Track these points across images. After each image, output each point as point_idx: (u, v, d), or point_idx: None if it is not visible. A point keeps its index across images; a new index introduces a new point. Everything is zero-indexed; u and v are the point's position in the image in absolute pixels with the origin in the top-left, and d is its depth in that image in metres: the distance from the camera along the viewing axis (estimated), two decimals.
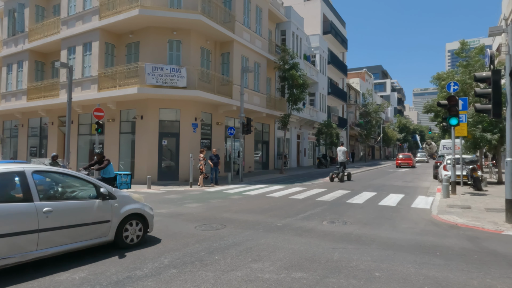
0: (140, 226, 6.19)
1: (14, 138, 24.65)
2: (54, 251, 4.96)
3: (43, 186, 5.23)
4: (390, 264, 5.05)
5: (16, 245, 4.54)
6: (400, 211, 9.65)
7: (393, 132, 62.60)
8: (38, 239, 4.75)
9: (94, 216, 5.51)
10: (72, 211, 5.23)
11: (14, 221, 4.57)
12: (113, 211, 5.76)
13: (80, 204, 5.43)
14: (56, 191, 5.47)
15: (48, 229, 4.86)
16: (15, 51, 22.71)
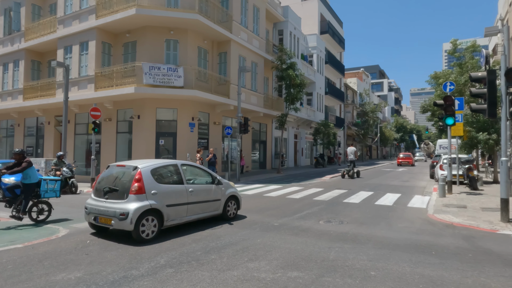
0: (236, 205, 8.46)
1: (10, 138, 24.52)
2: (194, 218, 7.32)
3: (185, 174, 7.45)
4: (385, 263, 5.08)
5: (177, 212, 6.93)
6: (396, 210, 9.69)
7: (390, 131, 62.82)
8: (187, 209, 7.13)
9: (212, 196, 7.82)
10: (202, 191, 7.56)
11: (177, 196, 6.95)
12: (222, 193, 8.07)
13: (205, 187, 7.73)
14: (191, 178, 7.64)
15: (191, 203, 7.23)
16: (11, 50, 22.58)
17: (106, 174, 7.09)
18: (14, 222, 8.36)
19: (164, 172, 7.14)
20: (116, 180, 6.83)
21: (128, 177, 6.59)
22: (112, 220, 6.26)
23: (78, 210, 9.98)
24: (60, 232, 7.03)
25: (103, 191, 6.73)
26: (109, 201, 6.50)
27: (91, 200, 6.88)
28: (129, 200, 6.30)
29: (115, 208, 6.28)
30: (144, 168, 6.64)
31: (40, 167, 16.24)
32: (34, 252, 5.68)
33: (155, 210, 6.49)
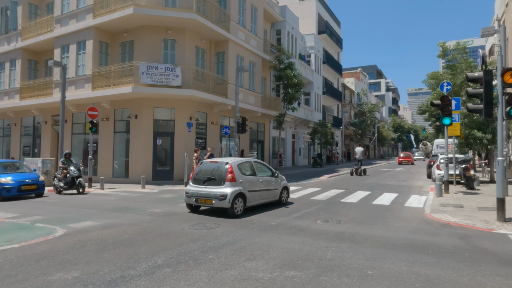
0: (287, 194, 10.89)
1: (6, 137, 24.40)
2: (262, 202, 9.75)
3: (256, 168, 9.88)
4: (382, 262, 5.10)
5: (254, 196, 9.31)
6: (393, 210, 9.73)
7: (388, 131, 63.02)
8: (259, 195, 9.54)
9: (273, 185, 10.16)
10: (267, 182, 9.89)
11: (253, 184, 9.33)
12: (278, 184, 10.44)
13: (268, 178, 10.02)
14: (259, 171, 9.86)
15: (261, 190, 9.61)
16: (7, 49, 22.47)
17: (202, 168, 9.40)
18: (11, 222, 8.34)
19: (244, 166, 9.44)
20: (213, 172, 9.00)
21: (223, 170, 8.85)
22: (213, 201, 8.57)
23: (75, 210, 9.96)
24: (57, 232, 7.01)
25: (202, 180, 9.03)
26: (208, 187, 8.82)
27: (190, 187, 9.15)
28: (225, 186, 8.62)
29: (216, 192, 8.59)
30: (233, 163, 9.00)
31: (37, 166, 16.17)
32: (31, 252, 5.67)
33: (242, 194, 8.85)
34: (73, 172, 13.72)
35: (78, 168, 13.95)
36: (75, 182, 13.72)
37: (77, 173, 13.74)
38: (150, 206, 10.38)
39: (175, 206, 10.32)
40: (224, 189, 8.56)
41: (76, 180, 13.76)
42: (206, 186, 8.90)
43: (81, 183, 13.72)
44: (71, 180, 13.75)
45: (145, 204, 10.71)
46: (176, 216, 8.74)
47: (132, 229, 7.29)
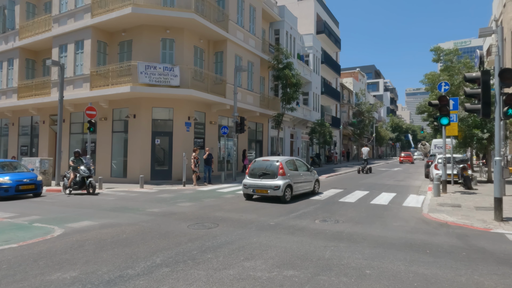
0: (318, 185, 13.44)
1: (4, 137, 24.31)
2: (301, 191, 12.01)
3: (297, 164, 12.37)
4: (380, 261, 5.12)
5: (297, 187, 11.57)
6: (391, 209, 9.76)
7: (386, 131, 63.11)
8: (300, 186, 11.81)
9: (309, 178, 12.60)
10: (305, 175, 12.31)
11: (297, 177, 11.59)
12: (312, 177, 12.88)
13: (306, 173, 12.43)
14: (299, 167, 12.26)
15: (301, 182, 11.90)
16: (5, 48, 22.39)
17: (256, 165, 11.72)
18: (8, 221, 8.31)
19: (289, 163, 11.80)
20: (266, 168, 11.31)
21: (275, 166, 11.13)
22: (268, 190, 10.83)
23: (73, 209, 9.94)
24: (55, 232, 7.00)
25: (258, 175, 11.32)
26: (263, 180, 11.07)
27: (247, 180, 11.47)
28: (278, 179, 10.90)
29: (270, 184, 10.84)
30: (282, 160, 11.35)
31: (35, 166, 16.12)
32: (29, 251, 5.66)
33: (290, 185, 11.09)
34: (84, 172, 13.30)
35: (88, 168, 13.51)
36: (85, 182, 13.32)
37: (87, 173, 13.31)
38: (149, 206, 10.38)
39: (174, 206, 10.31)
40: (277, 181, 10.85)
41: (87, 180, 13.32)
42: (261, 179, 11.16)
43: (92, 183, 13.26)
44: (81, 180, 13.32)
45: (143, 204, 10.70)
46: (174, 216, 8.74)
47: (131, 229, 7.28)
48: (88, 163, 14.03)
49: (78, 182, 13.35)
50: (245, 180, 11.57)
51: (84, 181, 13.34)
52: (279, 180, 10.83)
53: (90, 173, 13.45)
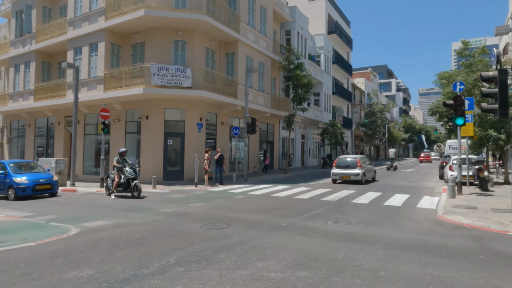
0: (375, 175, 19.34)
1: (21, 138, 24.90)
2: (368, 178, 17.86)
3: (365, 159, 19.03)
4: (395, 263, 5.06)
5: (366, 175, 17.53)
6: (405, 211, 9.63)
7: (399, 132, 62.23)
8: (368, 174, 17.69)
9: (372, 169, 18.69)
10: (370, 167, 18.49)
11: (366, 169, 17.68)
12: (373, 169, 18.94)
13: (369, 165, 18.52)
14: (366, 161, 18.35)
15: (368, 171, 17.84)
16: (22, 52, 22.95)
17: (340, 160, 17.68)
18: (26, 220, 8.52)
19: (363, 159, 17.93)
20: (348, 162, 17.26)
21: (354, 160, 17.13)
22: (351, 176, 16.47)
23: (88, 209, 10.12)
24: (71, 231, 7.13)
25: (342, 166, 17.14)
26: (347, 170, 16.85)
27: (335, 170, 17.28)
28: (357, 169, 16.62)
29: (352, 172, 16.63)
30: (358, 157, 17.50)
31: (50, 166, 16.47)
32: (46, 250, 5.78)
33: (364, 173, 16.73)
34: (129, 173, 12.26)
35: (134, 169, 12.47)
36: (130, 185, 12.34)
37: (133, 175, 12.27)
38: (161, 206, 10.48)
39: (186, 206, 10.39)
40: (357, 170, 16.69)
41: (132, 182, 12.32)
42: (345, 169, 17.00)
43: (137, 186, 12.24)
44: (126, 182, 12.35)
45: (156, 204, 10.81)
46: (187, 216, 8.81)
47: (144, 228, 7.37)
48: (134, 164, 12.89)
49: (123, 185, 12.39)
50: (333, 170, 17.57)
51: (129, 184, 12.35)
52: (358, 169, 16.70)
53: (136, 175, 12.38)
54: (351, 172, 16.65)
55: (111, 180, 12.81)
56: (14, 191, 12.61)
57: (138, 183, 12.33)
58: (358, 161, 17.03)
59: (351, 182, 16.79)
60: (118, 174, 12.50)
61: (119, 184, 12.43)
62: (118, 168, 12.55)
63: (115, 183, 12.43)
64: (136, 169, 12.59)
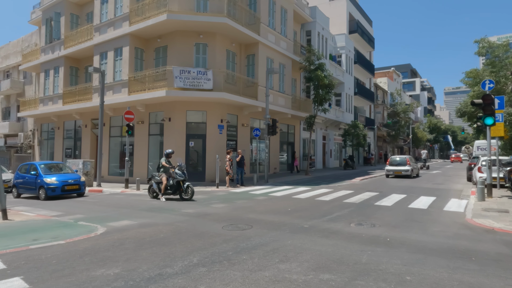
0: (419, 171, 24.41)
1: (51, 140, 25.95)
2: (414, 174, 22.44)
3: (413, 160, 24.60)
4: (421, 268, 4.92)
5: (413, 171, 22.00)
6: (431, 214, 9.35)
7: (423, 132, 60.47)
8: (414, 171, 22.29)
9: (417, 167, 23.75)
10: (416, 165, 23.77)
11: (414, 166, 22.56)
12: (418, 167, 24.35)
13: (415, 164, 23.68)
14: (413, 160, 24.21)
15: (415, 168, 22.64)
16: (51, 57, 23.93)
17: (393, 159, 22.22)
18: (56, 219, 8.86)
19: (411, 158, 22.92)
20: (399, 160, 21.90)
21: (404, 159, 21.74)
22: (402, 172, 21.03)
23: (113, 209, 10.41)
24: (98, 230, 7.36)
25: (394, 164, 21.72)
26: (398, 167, 21.39)
27: (388, 167, 21.80)
28: (407, 166, 21.27)
29: (403, 168, 21.18)
30: (408, 157, 22.32)
31: (78, 167, 17.07)
32: (75, 248, 6.00)
33: (412, 169, 21.35)
34: (179, 175, 11.80)
35: (183, 171, 11.98)
36: (181, 186, 11.89)
37: (183, 177, 11.82)
38: (183, 206, 10.65)
39: (208, 207, 10.50)
40: (407, 167, 21.10)
41: (183, 184, 11.86)
42: (397, 166, 21.40)
43: (190, 187, 11.80)
44: (176, 185, 11.89)
45: (178, 205, 10.99)
46: (208, 216, 8.90)
47: (167, 228, 7.51)
48: (183, 164, 12.33)
49: (173, 187, 11.95)
50: (387, 167, 22.06)
51: (179, 186, 11.89)
52: (407, 166, 21.17)
53: (185, 177, 11.95)
54: (402, 168, 21.10)
55: (156, 182, 12.37)
56: (45, 191, 13.15)
57: (191, 185, 11.97)
58: (408, 160, 21.64)
59: (402, 176, 21.18)
60: (165, 176, 12.01)
61: (169, 186, 12.01)
62: (166, 169, 12.06)
63: (163, 186, 11.96)
64: (184, 170, 12.10)
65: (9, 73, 31.96)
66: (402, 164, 21.38)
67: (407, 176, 20.92)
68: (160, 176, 12.23)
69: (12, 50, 31.68)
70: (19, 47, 30.60)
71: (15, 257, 5.49)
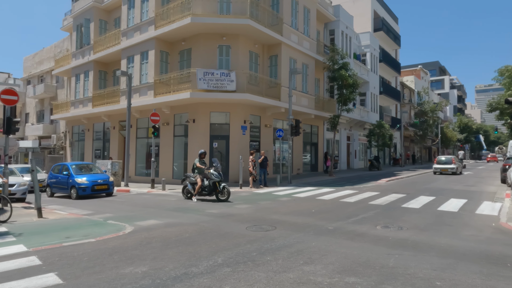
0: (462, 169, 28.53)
1: (81, 142, 27.01)
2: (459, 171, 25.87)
3: None
4: (452, 273, 4.74)
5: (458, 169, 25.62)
6: (462, 217, 8.99)
7: (453, 132, 58.21)
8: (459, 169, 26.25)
9: (461, 165, 27.26)
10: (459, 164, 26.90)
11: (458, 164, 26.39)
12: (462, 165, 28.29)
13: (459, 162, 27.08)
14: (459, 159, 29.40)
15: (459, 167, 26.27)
16: (82, 62, 24.92)
17: (439, 159, 25.49)
18: (87, 218, 9.21)
19: (456, 158, 26.65)
20: (445, 159, 25.38)
21: (450, 158, 25.36)
22: (448, 170, 24.58)
23: (140, 209, 10.70)
24: (126, 229, 7.59)
25: (441, 163, 25.15)
26: (444, 165, 24.88)
27: (436, 165, 25.18)
28: (453, 164, 24.78)
29: (449, 167, 24.72)
30: (453, 157, 25.84)
31: (107, 168, 17.66)
32: (105, 246, 6.21)
33: (457, 167, 25.11)
34: (215, 176, 11.68)
35: (218, 172, 11.85)
36: (217, 187, 11.72)
37: (219, 177, 11.71)
38: (207, 207, 10.78)
39: (231, 207, 10.58)
40: (452, 165, 24.40)
41: (219, 185, 11.71)
42: (443, 165, 24.63)
43: (226, 188, 11.71)
44: (211, 186, 11.76)
45: (202, 205, 11.14)
46: (232, 217, 8.97)
47: (192, 228, 7.63)
48: (218, 165, 12.11)
49: (209, 188, 11.83)
50: (434, 165, 25.30)
51: (215, 187, 11.75)
52: (453, 165, 24.39)
53: (221, 177, 11.85)
54: (448, 166, 24.48)
55: (190, 183, 12.30)
56: (76, 191, 13.71)
57: (227, 186, 11.84)
58: (453, 159, 25.15)
59: (448, 174, 24.42)
60: (200, 177, 11.88)
61: (203, 188, 11.92)
62: (201, 170, 11.91)
63: (198, 186, 11.89)
64: (220, 171, 11.96)
65: (43, 78, 33.56)
66: (448, 163, 24.67)
67: (453, 173, 24.36)
68: (195, 177, 12.19)
69: (46, 56, 33.27)
70: (52, 53, 32.10)
71: (50, 253, 5.75)
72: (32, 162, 9.38)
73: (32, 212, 9.89)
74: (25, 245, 6.30)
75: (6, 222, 8.37)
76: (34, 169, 9.35)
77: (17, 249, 6.03)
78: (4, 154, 11.15)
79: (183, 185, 12.89)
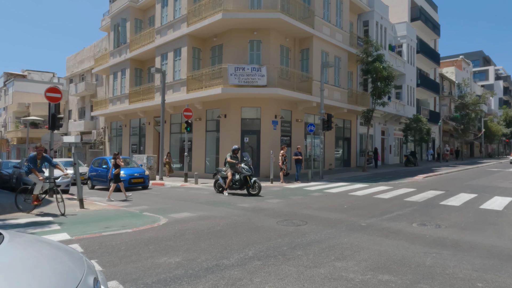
0: None
1: (119, 137, 28.21)
2: None
3: None
4: (495, 275, 4.47)
5: None
6: (507, 216, 8.43)
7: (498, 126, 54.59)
8: None
9: None
10: None
11: None
12: None
13: None
14: None
15: None
16: (119, 60, 25.93)
17: None
18: (124, 210, 9.63)
19: None
20: None
21: None
22: None
23: (174, 201, 11.02)
24: (160, 221, 7.85)
25: None
26: None
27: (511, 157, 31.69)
28: None
29: None
30: None
31: (142, 162, 18.34)
32: (141, 236, 6.46)
33: None
34: (246, 170, 11.83)
35: (249, 166, 11.99)
36: (248, 182, 11.89)
37: (249, 172, 11.85)
38: (239, 201, 10.89)
39: (262, 202, 10.63)
40: None
41: (250, 179, 11.85)
42: None
43: (257, 183, 11.80)
44: (242, 180, 11.94)
45: (234, 199, 11.28)
46: (263, 211, 9.00)
47: (224, 221, 7.75)
48: (249, 159, 12.27)
49: (240, 182, 12.02)
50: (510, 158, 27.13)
51: (246, 181, 11.91)
52: None
53: (252, 172, 11.94)
54: None
55: (222, 177, 12.52)
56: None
57: (258, 180, 11.95)
58: None
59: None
60: (231, 171, 12.05)
61: (234, 182, 12.10)
62: (231, 164, 12.08)
63: (228, 180, 12.08)
64: (251, 165, 12.10)
65: (84, 76, 35.35)
66: None
67: None
68: (226, 171, 12.36)
69: (86, 56, 34.97)
70: (91, 53, 33.69)
71: (91, 242, 6.08)
72: (74, 156, 9.94)
73: (75, 203, 10.47)
74: (68, 233, 6.69)
75: (64, 215, 8.69)
76: (76, 163, 9.88)
77: (61, 237, 6.42)
78: (50, 149, 11.88)
79: (215, 179, 13.14)
